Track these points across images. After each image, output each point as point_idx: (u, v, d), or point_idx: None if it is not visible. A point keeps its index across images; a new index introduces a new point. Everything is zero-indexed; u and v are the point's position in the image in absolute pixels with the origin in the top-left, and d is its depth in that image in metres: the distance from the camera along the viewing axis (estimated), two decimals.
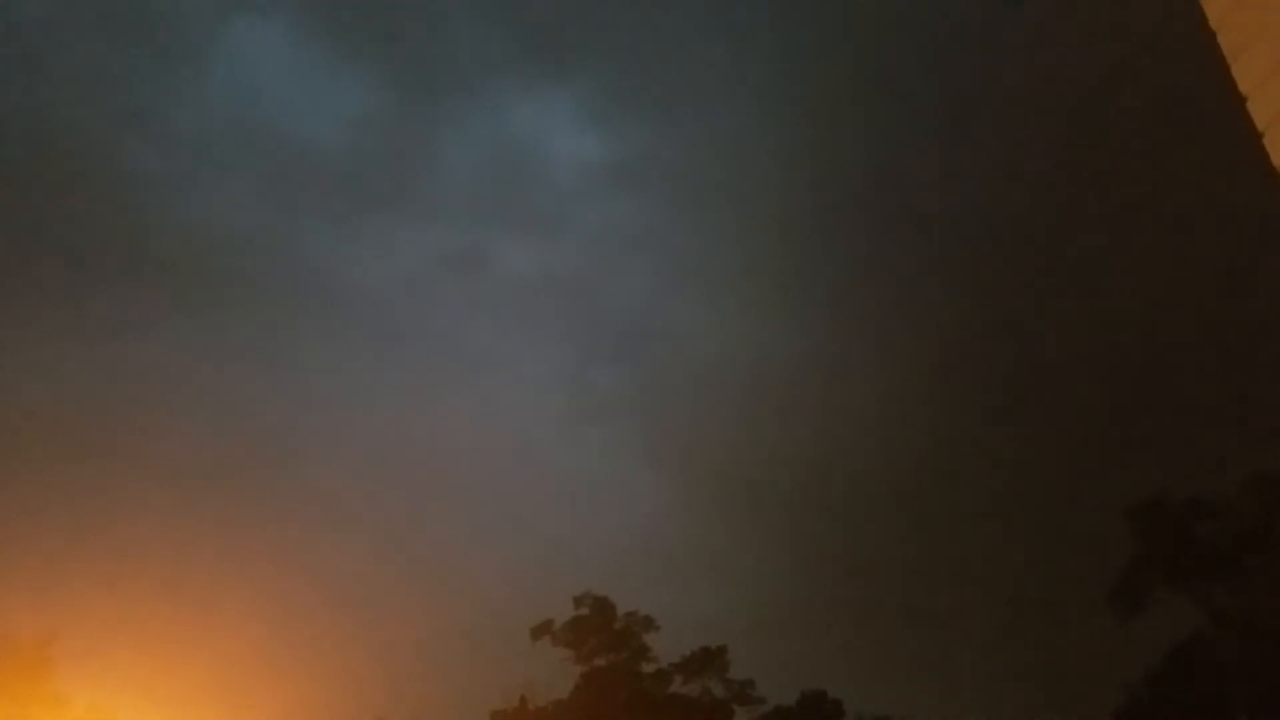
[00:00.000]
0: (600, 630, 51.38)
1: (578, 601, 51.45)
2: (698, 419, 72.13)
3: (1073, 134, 65.49)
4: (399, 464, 68.00)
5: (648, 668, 51.32)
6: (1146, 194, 56.73)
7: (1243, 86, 5.36)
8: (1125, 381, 56.36)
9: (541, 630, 50.79)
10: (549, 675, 49.73)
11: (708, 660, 51.29)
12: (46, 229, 65.71)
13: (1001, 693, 46.13)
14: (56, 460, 53.17)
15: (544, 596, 52.15)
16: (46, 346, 61.41)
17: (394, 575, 56.58)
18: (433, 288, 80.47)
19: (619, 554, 60.34)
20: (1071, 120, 64.43)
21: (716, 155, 78.92)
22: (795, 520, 62.32)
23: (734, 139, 78.67)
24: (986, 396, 61.65)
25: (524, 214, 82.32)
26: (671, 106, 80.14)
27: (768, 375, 70.85)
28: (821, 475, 62.29)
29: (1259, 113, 5.34)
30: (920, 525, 57.95)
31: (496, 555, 60.48)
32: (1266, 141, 5.27)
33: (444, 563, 58.57)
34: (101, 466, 54.14)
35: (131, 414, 60.85)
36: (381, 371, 75.22)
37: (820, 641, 52.80)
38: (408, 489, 66.15)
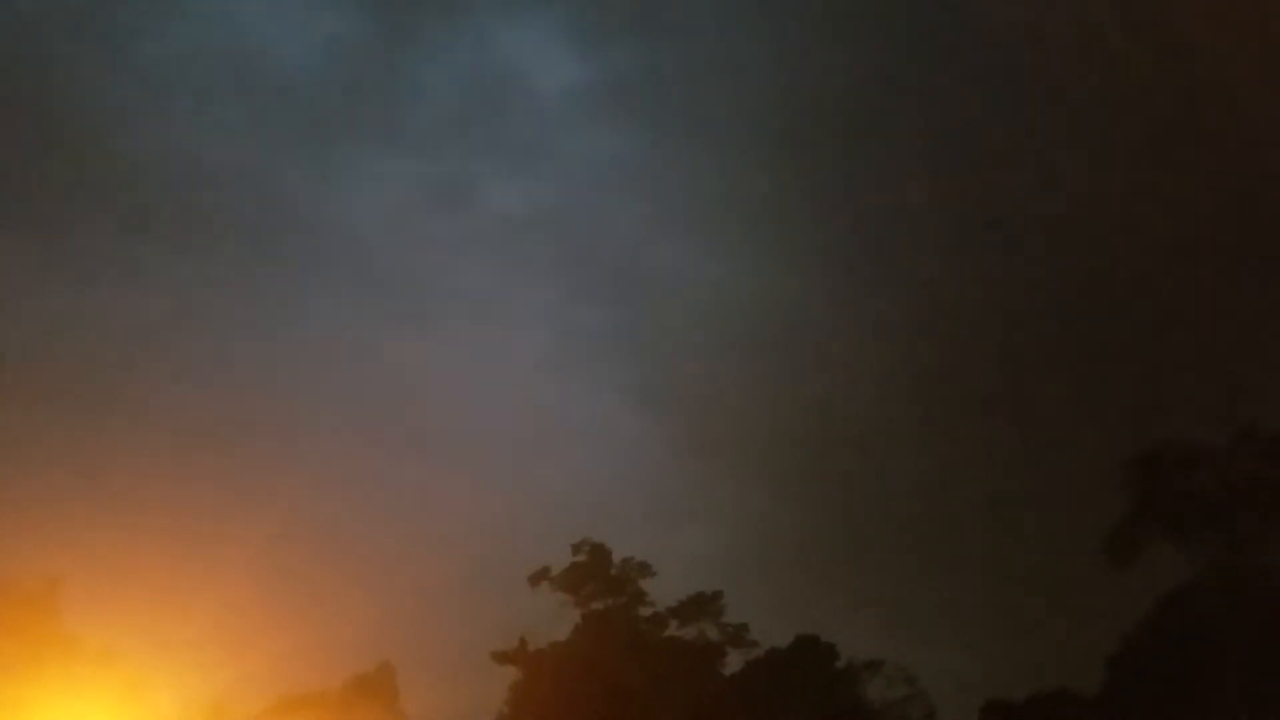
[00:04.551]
0: (597, 576, 52.06)
1: (575, 548, 52.05)
2: (689, 359, 72.05)
3: (1072, 71, 65.07)
4: (391, 408, 67.91)
5: (644, 612, 52.11)
6: (1147, 142, 56.67)
7: None
8: (1122, 330, 56.75)
9: (539, 576, 51.44)
10: (547, 620, 50.47)
11: (703, 604, 52.09)
12: (22, 166, 64.48)
13: (996, 639, 47.22)
14: (60, 407, 52.88)
15: (538, 541, 52.74)
16: (45, 291, 60.74)
17: (392, 521, 56.89)
18: (416, 224, 79.65)
19: (611, 497, 60.81)
20: (1071, 55, 64.01)
21: (706, 78, 77.83)
22: (788, 462, 62.75)
23: (725, 61, 77.55)
24: (983, 341, 61.85)
25: (508, 145, 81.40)
26: (658, 28, 78.72)
27: (760, 313, 70.72)
28: (814, 416, 62.66)
29: None
30: (914, 469, 58.49)
31: (490, 499, 60.74)
32: None
33: (440, 508, 58.81)
34: (103, 414, 53.91)
35: (129, 359, 60.40)
36: (368, 312, 74.79)
37: (813, 584, 53.63)
38: (400, 434, 66.13)
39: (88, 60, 70.77)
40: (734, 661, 51.40)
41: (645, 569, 52.17)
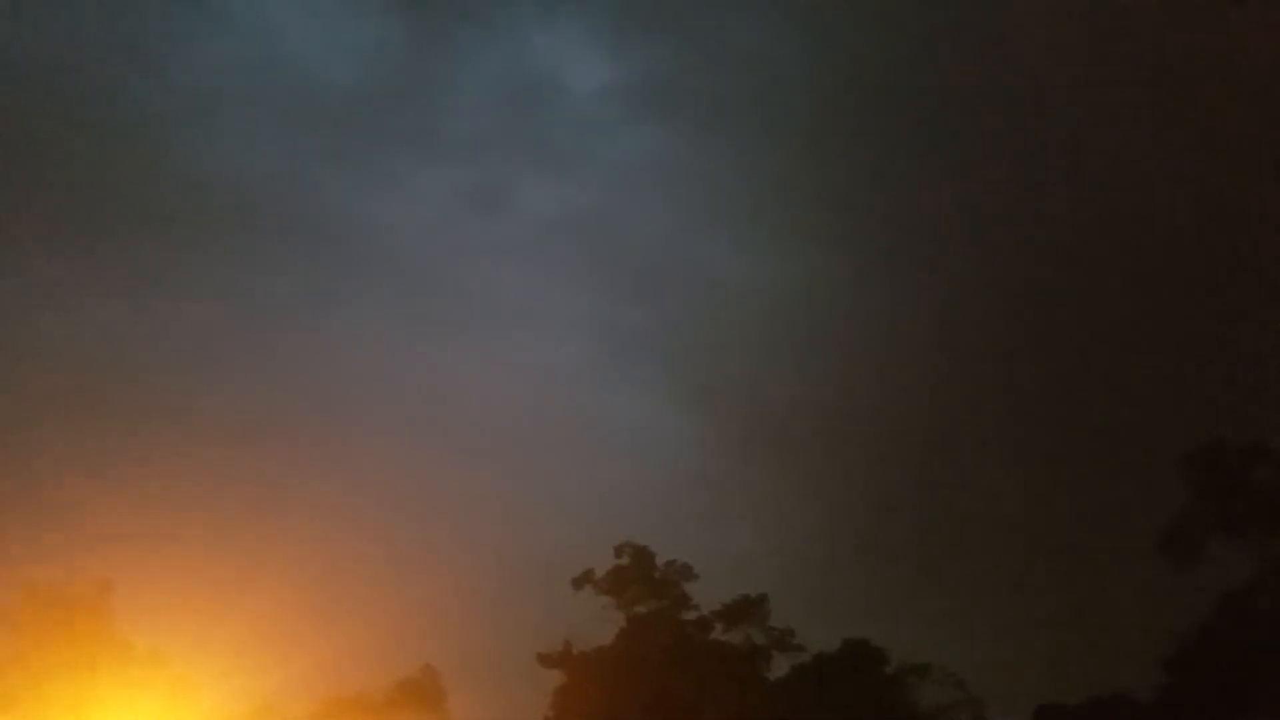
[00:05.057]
0: (640, 579, 51.84)
1: (617, 551, 51.91)
2: (729, 358, 71.54)
3: (1102, 66, 63.93)
4: (432, 413, 68.28)
5: (688, 615, 51.75)
6: (1205, 119, 55.31)
7: None
8: (1179, 324, 55.50)
9: (583, 580, 51.33)
10: (591, 623, 50.35)
11: (748, 608, 51.66)
12: (68, 179, 65.74)
13: (1048, 641, 46.30)
14: (109, 414, 53.89)
15: (581, 544, 52.65)
16: (91, 300, 61.89)
17: (435, 524, 57.15)
18: (453, 230, 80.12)
19: (653, 498, 60.60)
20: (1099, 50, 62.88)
21: (739, 76, 77.55)
22: (833, 462, 62.06)
23: (757, 58, 77.20)
24: (1032, 334, 60.73)
25: (542, 148, 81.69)
26: (689, 26, 78.63)
27: (802, 310, 70.09)
28: (858, 414, 61.88)
29: None
30: (963, 467, 57.56)
31: (532, 502, 60.90)
32: None
33: (483, 511, 59.02)
34: (151, 419, 54.84)
35: (175, 366, 61.39)
36: (409, 318, 75.33)
37: (861, 587, 52.96)
38: (443, 438, 66.47)
39: (130, 74, 72.19)
40: (780, 666, 50.83)
41: (689, 571, 51.87)
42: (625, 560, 51.77)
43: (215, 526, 47.52)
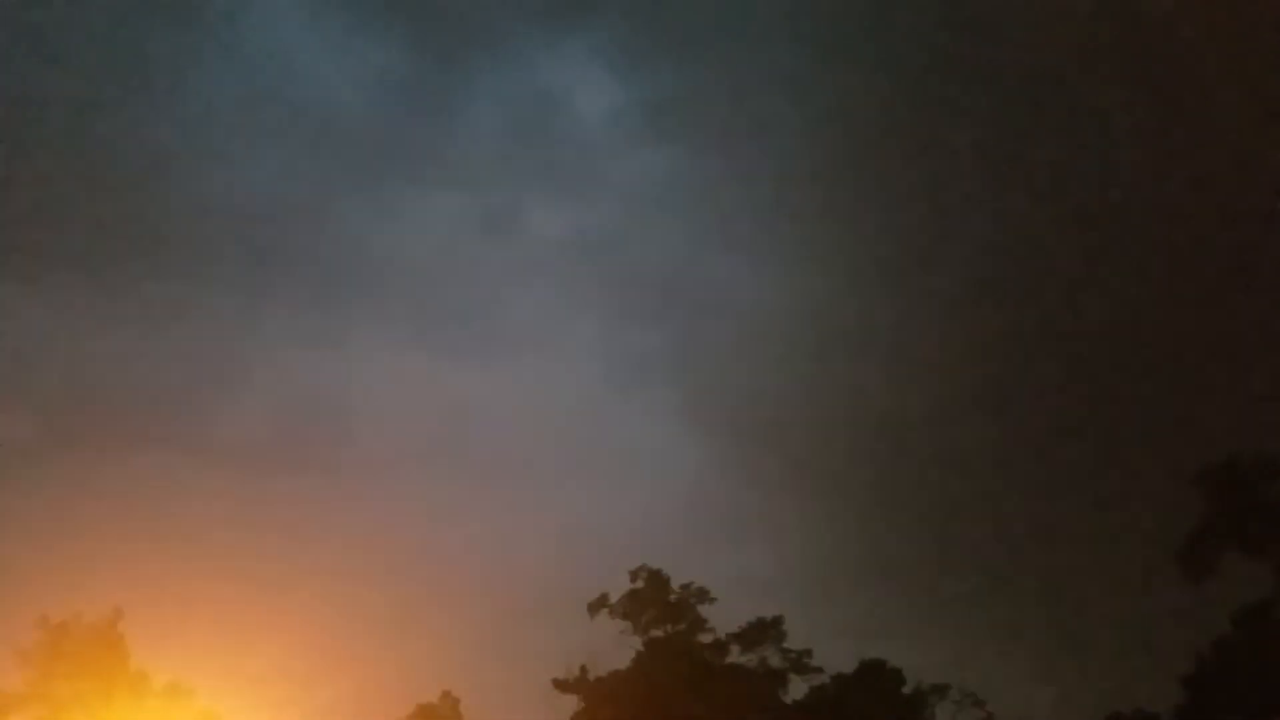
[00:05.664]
0: (656, 603, 51.73)
1: (633, 575, 51.83)
2: (742, 378, 71.70)
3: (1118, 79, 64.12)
4: (444, 436, 68.70)
5: (705, 638, 51.58)
6: (1218, 150, 55.44)
7: None
8: (1195, 342, 55.43)
9: (598, 604, 51.25)
10: (608, 648, 50.28)
11: (764, 630, 51.47)
12: (84, 210, 66.42)
13: (1066, 659, 46.14)
14: (129, 447, 54.34)
15: (596, 568, 52.66)
16: (108, 330, 62.39)
17: (451, 550, 57.29)
18: (467, 254, 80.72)
19: (665, 520, 60.64)
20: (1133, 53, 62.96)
21: (746, 97, 78.18)
22: (848, 482, 62.03)
23: (764, 80, 77.88)
24: (1046, 353, 60.71)
25: (554, 172, 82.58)
26: (697, 49, 79.31)
27: (813, 329, 70.24)
28: (874, 434, 61.91)
29: None
30: (978, 485, 57.45)
31: (548, 527, 60.99)
32: None
33: (498, 537, 59.16)
34: (171, 451, 55.22)
35: (194, 398, 61.79)
36: (419, 343, 75.73)
37: (877, 608, 52.86)
38: (456, 462, 66.79)
39: (145, 105, 73.08)
40: (797, 688, 50.66)
41: (704, 594, 51.76)
42: (640, 584, 51.69)
43: (232, 556, 47.79)
